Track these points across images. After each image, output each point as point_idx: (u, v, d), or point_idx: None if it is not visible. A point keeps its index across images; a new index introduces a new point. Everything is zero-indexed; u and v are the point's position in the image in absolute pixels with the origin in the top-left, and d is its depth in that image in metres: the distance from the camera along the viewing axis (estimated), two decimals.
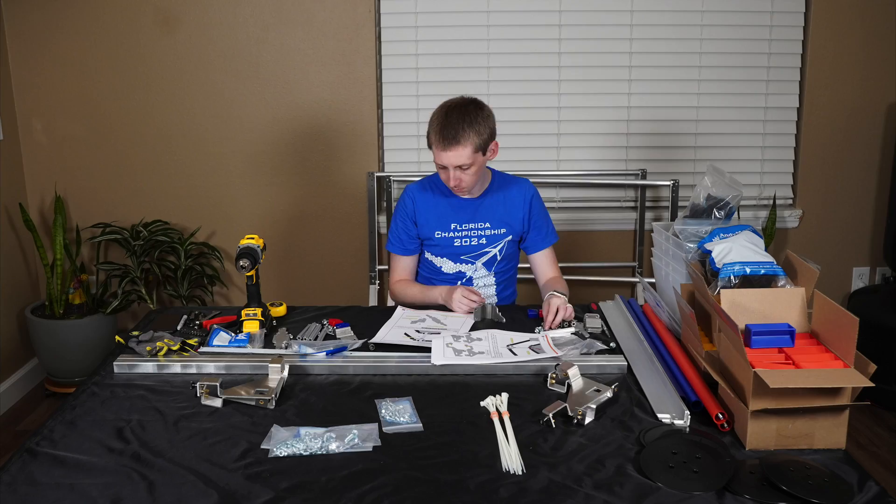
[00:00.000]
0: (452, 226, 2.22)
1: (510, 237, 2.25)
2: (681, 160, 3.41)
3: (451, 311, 2.06)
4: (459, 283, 2.25)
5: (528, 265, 2.37)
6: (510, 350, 1.76)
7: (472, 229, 2.22)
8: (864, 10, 3.25)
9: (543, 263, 2.30)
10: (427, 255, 2.29)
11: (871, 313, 3.02)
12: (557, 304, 1.95)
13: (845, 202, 3.45)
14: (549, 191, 3.45)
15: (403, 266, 2.29)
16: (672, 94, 3.34)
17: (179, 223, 3.36)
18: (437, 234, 2.23)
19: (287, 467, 1.33)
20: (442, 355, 1.72)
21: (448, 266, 2.26)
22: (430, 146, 2.11)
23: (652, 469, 1.30)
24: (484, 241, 2.23)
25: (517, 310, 2.10)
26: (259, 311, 1.90)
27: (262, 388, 1.57)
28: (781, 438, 1.37)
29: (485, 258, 2.25)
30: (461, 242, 2.23)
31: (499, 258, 2.26)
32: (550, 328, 1.91)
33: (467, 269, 2.27)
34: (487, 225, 2.23)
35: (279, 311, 2.06)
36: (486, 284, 2.28)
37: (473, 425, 1.47)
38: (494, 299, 2.30)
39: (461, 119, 2.06)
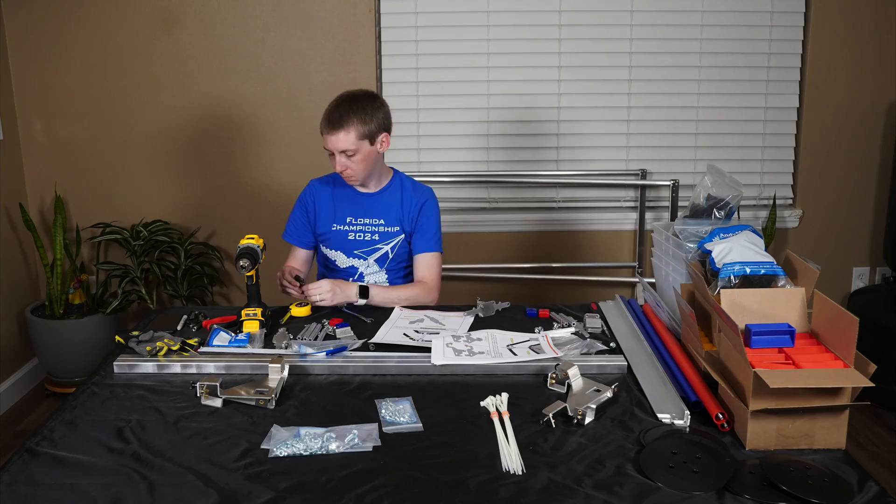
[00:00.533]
0: (348, 219, 2.27)
1: (402, 236, 2.28)
2: (681, 160, 3.41)
3: (449, 311, 2.06)
4: (351, 279, 2.27)
5: None
6: (510, 350, 1.76)
7: (366, 224, 2.27)
8: (863, 11, 3.25)
9: (419, 265, 2.27)
10: (322, 248, 2.34)
11: (871, 313, 3.02)
12: (324, 287, 2.06)
13: (845, 202, 3.45)
14: (549, 191, 3.45)
15: (296, 256, 2.36)
16: (672, 94, 3.35)
17: (179, 223, 3.37)
18: (334, 226, 2.28)
19: (287, 467, 1.33)
20: (442, 355, 1.72)
21: (341, 259, 2.30)
22: (321, 132, 2.16)
23: (652, 469, 1.30)
24: (377, 238, 2.27)
25: (516, 310, 2.10)
26: (259, 311, 1.90)
27: (262, 388, 1.57)
28: (781, 438, 1.37)
29: (377, 254, 2.28)
30: (355, 236, 2.27)
31: (391, 256, 2.28)
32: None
33: (360, 264, 2.29)
34: (382, 222, 2.27)
35: (303, 311, 2.05)
36: (378, 281, 2.30)
37: (473, 425, 1.47)
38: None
39: (349, 106, 2.11)
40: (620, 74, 3.32)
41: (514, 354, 1.74)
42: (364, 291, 2.13)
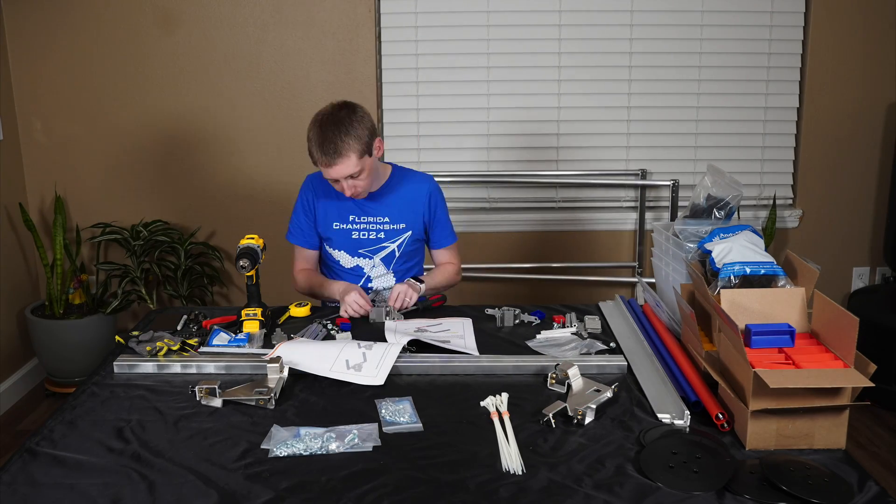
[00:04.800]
0: (351, 217, 2.20)
1: (409, 233, 2.22)
2: (681, 160, 3.41)
3: (450, 317, 2.05)
4: (361, 281, 2.25)
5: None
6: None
7: (370, 223, 2.20)
8: (864, 10, 3.25)
9: (443, 258, 2.34)
10: (326, 247, 2.27)
11: (871, 313, 3.02)
12: (399, 289, 2.06)
13: (845, 202, 3.45)
14: (549, 191, 3.45)
15: (305, 256, 2.31)
16: (672, 94, 3.35)
17: (179, 223, 3.37)
18: (336, 225, 2.21)
19: (287, 467, 1.33)
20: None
21: (346, 260, 2.24)
22: (314, 163, 2.04)
23: (652, 469, 1.30)
24: (382, 236, 2.21)
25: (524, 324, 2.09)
26: (259, 311, 1.90)
27: (262, 388, 1.57)
28: (781, 438, 1.37)
29: (383, 253, 2.22)
30: (359, 235, 2.21)
31: (397, 254, 2.23)
32: (397, 309, 2.04)
33: (365, 263, 2.23)
34: (386, 219, 2.20)
35: (302, 311, 2.05)
36: (385, 287, 2.25)
37: (473, 425, 1.47)
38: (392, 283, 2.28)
39: (337, 130, 1.98)
40: (620, 74, 3.32)
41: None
42: (417, 279, 2.16)
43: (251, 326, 1.88)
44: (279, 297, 2.55)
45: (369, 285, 2.26)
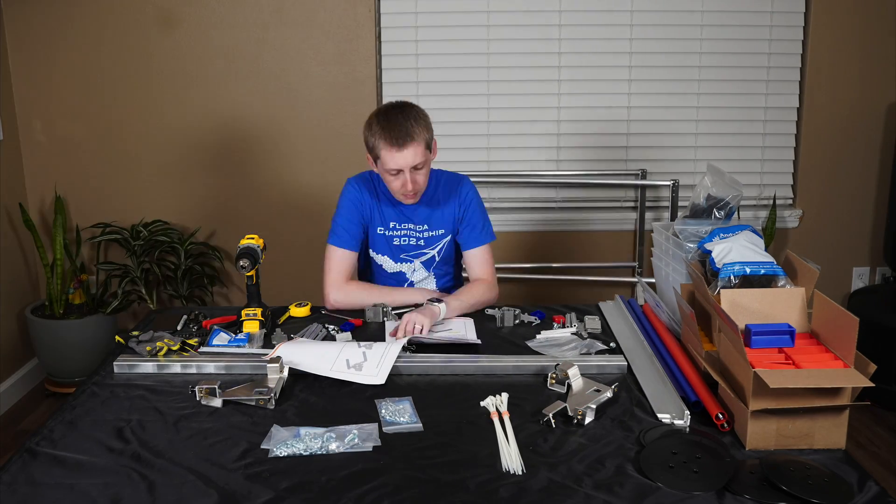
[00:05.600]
0: (391, 224, 2.17)
1: (448, 237, 2.20)
2: (681, 160, 3.41)
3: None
4: (405, 286, 2.20)
5: None
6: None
7: (410, 230, 2.17)
8: (863, 11, 3.25)
9: (473, 263, 2.19)
10: (371, 251, 2.21)
11: (871, 313, 3.02)
12: (409, 318, 1.85)
13: (845, 202, 3.45)
14: (549, 191, 3.45)
15: (345, 261, 2.14)
16: (672, 94, 3.34)
17: (179, 223, 3.36)
18: (379, 229, 2.17)
19: (287, 467, 1.33)
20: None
21: (388, 265, 2.21)
22: (374, 156, 2.01)
23: (652, 469, 1.30)
24: (423, 243, 2.19)
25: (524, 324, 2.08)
26: (259, 311, 1.90)
27: (262, 388, 1.57)
28: (781, 438, 1.37)
29: (423, 258, 2.21)
30: (400, 241, 2.18)
31: (437, 259, 2.22)
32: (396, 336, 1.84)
33: (406, 268, 2.22)
34: (425, 227, 2.18)
35: (302, 311, 2.05)
36: (426, 286, 2.24)
37: (473, 425, 1.47)
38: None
39: (406, 117, 1.98)
40: (620, 75, 3.32)
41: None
42: (436, 300, 2.01)
43: (251, 326, 1.88)
44: (279, 297, 2.55)
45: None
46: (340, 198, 2.18)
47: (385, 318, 2.00)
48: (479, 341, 1.81)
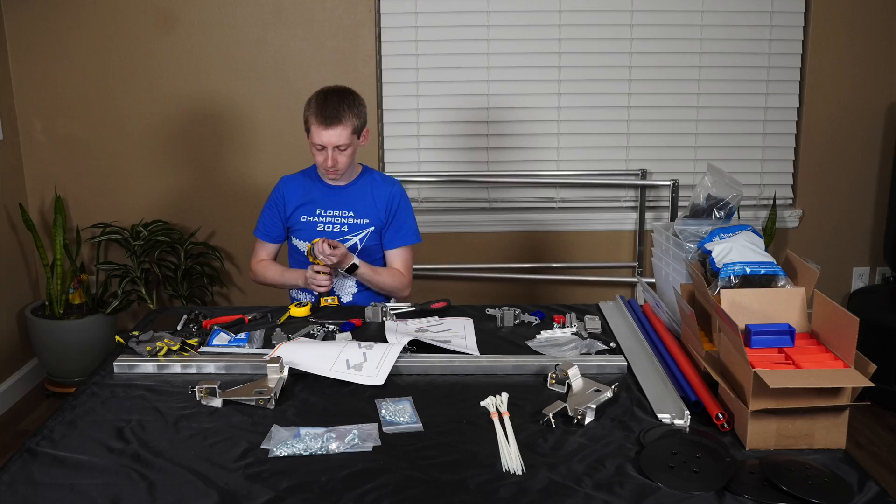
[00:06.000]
0: (318, 211, 2.33)
1: (373, 228, 2.33)
2: (681, 160, 3.41)
3: (452, 317, 2.05)
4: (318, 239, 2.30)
5: None
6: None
7: (335, 216, 2.32)
8: (863, 11, 3.25)
9: (393, 261, 2.38)
10: (293, 240, 2.38)
11: (871, 313, 3.02)
12: (319, 242, 2.16)
13: (845, 202, 3.45)
14: (549, 191, 3.45)
15: (266, 250, 2.43)
16: (672, 94, 3.35)
17: (179, 223, 3.37)
18: (303, 217, 2.33)
19: (287, 467, 1.33)
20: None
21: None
22: (306, 129, 2.20)
23: (652, 469, 1.30)
24: (346, 229, 2.32)
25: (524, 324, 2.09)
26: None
27: (262, 388, 1.57)
28: (781, 438, 1.37)
29: (346, 245, 2.29)
30: (324, 227, 2.32)
31: (359, 247, 2.32)
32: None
33: None
34: (351, 213, 2.32)
35: (302, 311, 2.06)
36: (346, 274, 2.31)
37: (473, 425, 1.47)
38: (354, 289, 2.36)
39: (341, 101, 2.18)
40: (620, 74, 3.32)
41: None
42: (352, 267, 2.24)
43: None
44: (279, 297, 2.55)
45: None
46: (269, 195, 2.42)
47: (384, 318, 2.01)
48: (478, 354, 1.79)
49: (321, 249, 2.17)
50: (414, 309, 2.07)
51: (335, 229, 2.32)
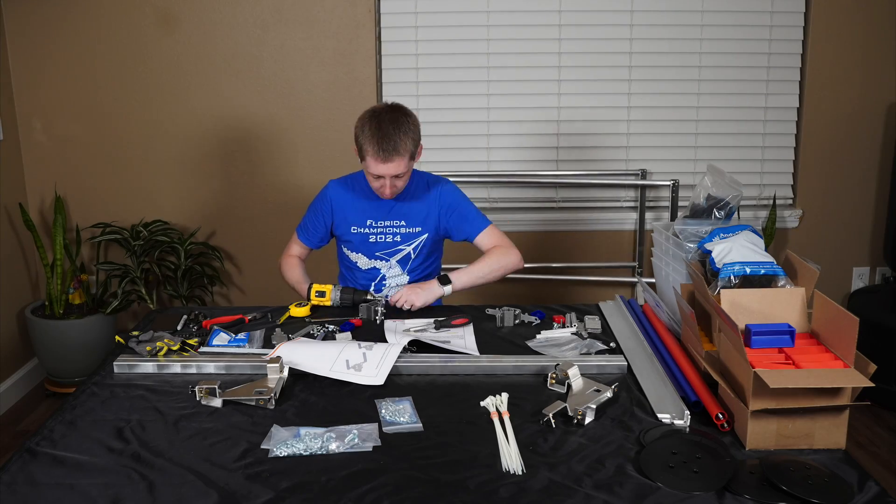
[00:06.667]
0: (368, 222, 2.24)
1: (426, 235, 2.25)
2: (681, 160, 3.41)
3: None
4: (373, 283, 2.29)
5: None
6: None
7: (387, 226, 2.24)
8: (863, 11, 3.25)
9: (484, 243, 2.25)
10: (344, 249, 2.32)
11: (871, 313, 3.02)
12: (401, 294, 2.08)
13: (845, 202, 3.45)
14: (549, 191, 3.45)
15: (300, 248, 2.38)
16: (672, 94, 3.34)
17: (179, 223, 3.36)
18: (353, 229, 2.25)
19: (287, 467, 1.33)
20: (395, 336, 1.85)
21: (363, 262, 2.29)
22: (361, 156, 2.09)
23: (652, 469, 1.30)
24: (399, 239, 2.25)
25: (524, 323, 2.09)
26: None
27: (262, 388, 1.57)
28: (781, 438, 1.37)
29: (399, 256, 2.26)
30: (376, 239, 2.25)
31: (413, 256, 2.27)
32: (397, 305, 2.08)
33: (381, 265, 2.28)
34: (402, 223, 2.24)
35: (302, 311, 2.06)
36: (398, 284, 2.28)
37: (473, 425, 1.47)
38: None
39: (397, 129, 2.04)
40: (620, 75, 3.32)
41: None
42: (445, 279, 2.13)
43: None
44: (279, 297, 2.55)
45: (384, 282, 2.29)
46: (316, 198, 2.31)
47: (374, 318, 2.01)
48: (478, 354, 1.79)
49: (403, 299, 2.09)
50: (434, 325, 1.95)
51: (387, 240, 2.24)
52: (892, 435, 2.85)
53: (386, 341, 1.82)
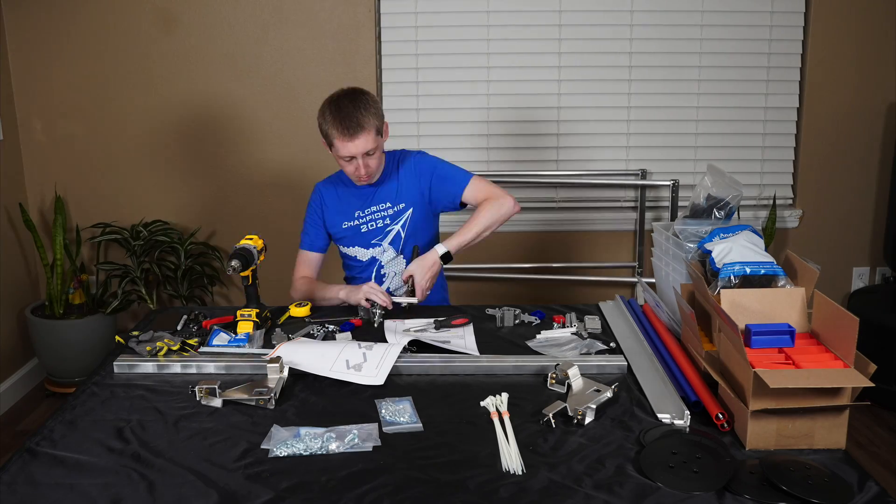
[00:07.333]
0: (356, 213, 2.26)
1: (411, 210, 2.25)
2: (681, 160, 3.41)
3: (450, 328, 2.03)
4: (374, 268, 2.30)
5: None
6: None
7: (374, 212, 2.26)
8: (863, 11, 3.25)
9: (472, 197, 2.21)
10: (340, 248, 2.33)
11: (871, 313, 3.02)
12: (418, 282, 2.05)
13: (845, 202, 3.45)
14: (549, 191, 3.45)
15: (307, 262, 2.32)
16: (672, 94, 3.35)
17: (179, 223, 3.37)
18: (345, 224, 2.27)
19: (287, 467, 1.33)
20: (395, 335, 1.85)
21: (361, 253, 2.29)
22: (328, 142, 2.13)
23: (652, 469, 1.30)
24: (388, 221, 2.26)
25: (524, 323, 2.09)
26: (254, 311, 1.90)
27: (262, 388, 1.57)
28: (781, 438, 1.37)
29: (389, 237, 2.26)
30: (367, 227, 2.26)
31: (403, 234, 2.26)
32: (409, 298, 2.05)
33: (377, 252, 2.28)
34: (388, 205, 2.25)
35: (302, 311, 2.06)
36: (397, 272, 2.28)
37: (473, 425, 1.47)
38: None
39: (356, 106, 2.07)
40: (620, 74, 3.32)
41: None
42: (445, 254, 2.11)
43: (245, 327, 1.88)
44: (279, 297, 2.55)
45: (382, 271, 2.29)
46: (308, 203, 2.32)
47: (372, 318, 2.01)
48: (478, 354, 1.79)
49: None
50: (434, 325, 1.95)
51: (378, 225, 2.25)
52: (892, 435, 2.85)
53: (386, 341, 1.82)
